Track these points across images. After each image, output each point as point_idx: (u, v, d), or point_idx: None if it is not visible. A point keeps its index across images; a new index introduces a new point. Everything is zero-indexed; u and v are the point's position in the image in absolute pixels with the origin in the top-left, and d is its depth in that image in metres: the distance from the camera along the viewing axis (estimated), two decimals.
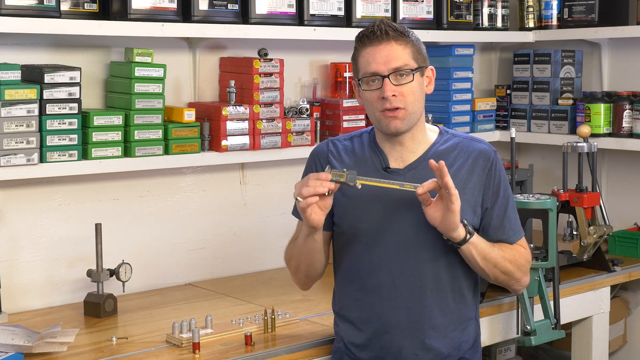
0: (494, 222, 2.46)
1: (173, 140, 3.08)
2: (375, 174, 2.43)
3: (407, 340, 2.43)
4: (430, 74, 2.46)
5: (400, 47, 2.38)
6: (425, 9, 3.77)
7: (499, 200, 2.46)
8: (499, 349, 3.67)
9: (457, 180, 2.38)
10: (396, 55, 2.37)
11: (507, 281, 2.49)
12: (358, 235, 2.46)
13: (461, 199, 2.33)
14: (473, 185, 2.43)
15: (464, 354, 2.48)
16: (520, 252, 2.49)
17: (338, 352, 2.54)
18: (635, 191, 4.04)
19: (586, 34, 3.98)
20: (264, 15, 3.28)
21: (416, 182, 2.34)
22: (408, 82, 2.37)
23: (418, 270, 2.41)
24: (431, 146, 2.46)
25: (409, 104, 2.38)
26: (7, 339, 2.46)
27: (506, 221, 2.47)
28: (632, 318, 3.93)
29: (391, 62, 2.37)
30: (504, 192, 2.47)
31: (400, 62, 2.37)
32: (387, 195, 2.41)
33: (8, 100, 2.70)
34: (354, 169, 2.36)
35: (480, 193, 2.44)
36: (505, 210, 2.47)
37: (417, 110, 2.41)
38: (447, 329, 2.45)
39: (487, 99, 4.17)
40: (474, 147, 2.47)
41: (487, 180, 2.44)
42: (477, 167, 2.44)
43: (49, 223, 3.05)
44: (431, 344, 2.43)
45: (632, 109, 3.77)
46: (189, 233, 3.37)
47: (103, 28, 2.92)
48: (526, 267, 2.51)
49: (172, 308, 3.01)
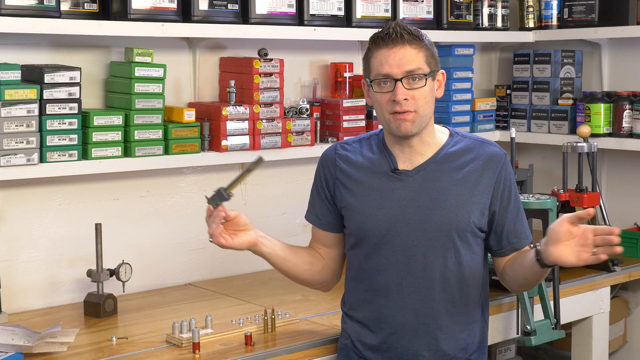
0: (508, 226, 2.47)
1: (173, 140, 3.08)
2: (383, 176, 2.45)
3: (414, 341, 2.44)
4: (441, 78, 2.46)
5: (415, 51, 2.38)
6: (425, 9, 3.77)
7: (512, 203, 2.47)
8: (499, 349, 3.67)
9: (467, 182, 2.41)
10: (410, 58, 2.37)
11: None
12: (365, 237, 2.47)
13: (471, 202, 2.39)
14: (482, 187, 2.43)
15: (470, 355, 2.49)
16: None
17: (345, 350, 2.56)
18: (635, 191, 4.04)
19: (586, 34, 3.98)
20: (264, 15, 3.28)
21: (426, 183, 2.41)
22: (420, 86, 2.38)
23: (425, 271, 2.41)
24: (441, 148, 2.47)
25: (420, 107, 2.39)
26: (7, 339, 2.46)
27: (519, 225, 2.49)
28: (632, 318, 3.93)
29: (405, 66, 2.37)
30: (515, 195, 2.48)
31: (413, 65, 2.37)
32: (394, 196, 2.43)
33: (8, 100, 2.70)
34: (364, 171, 2.44)
35: (489, 195, 2.44)
36: (517, 213, 2.49)
37: (427, 114, 2.41)
38: (454, 330, 2.45)
39: (487, 99, 4.17)
40: (485, 150, 2.47)
41: (496, 183, 2.44)
42: (487, 170, 2.44)
43: (49, 223, 3.05)
44: (438, 345, 2.44)
45: (632, 109, 3.77)
46: (189, 233, 3.37)
47: (103, 28, 2.92)
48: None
49: (172, 308, 3.01)
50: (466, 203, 2.41)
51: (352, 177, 2.50)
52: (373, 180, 2.47)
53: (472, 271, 2.45)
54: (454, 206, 2.41)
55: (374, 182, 2.47)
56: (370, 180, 2.48)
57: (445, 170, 2.44)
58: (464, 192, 2.42)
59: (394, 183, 2.44)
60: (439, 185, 2.42)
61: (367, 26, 3.53)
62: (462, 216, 2.41)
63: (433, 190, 2.42)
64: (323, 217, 2.57)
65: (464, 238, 2.42)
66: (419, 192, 2.43)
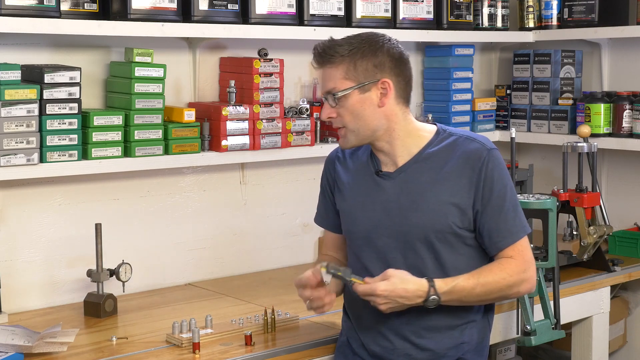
0: (489, 224, 2.39)
1: (173, 140, 3.08)
2: (370, 178, 2.48)
3: (400, 340, 2.45)
4: (386, 86, 2.37)
5: (332, 70, 2.38)
6: (425, 9, 3.77)
7: (492, 200, 2.38)
8: (499, 349, 3.67)
9: (447, 182, 2.39)
10: (327, 77, 2.40)
11: (508, 297, 2.50)
12: (351, 239, 2.53)
13: (450, 202, 2.37)
14: (463, 186, 2.38)
15: (463, 354, 2.48)
16: (509, 267, 2.39)
17: (341, 347, 2.59)
18: (635, 191, 4.04)
19: (586, 34, 3.98)
20: (264, 15, 3.28)
21: (406, 185, 2.40)
22: (344, 102, 2.37)
23: (412, 272, 2.40)
24: (424, 148, 2.44)
25: (348, 122, 2.39)
26: (7, 339, 2.46)
27: (502, 222, 2.39)
28: (632, 318, 3.93)
29: (325, 86, 2.41)
30: (498, 192, 2.39)
31: (330, 84, 2.39)
32: (377, 199, 2.45)
33: (8, 100, 2.70)
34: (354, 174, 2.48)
35: (471, 195, 2.38)
36: (500, 210, 2.39)
37: (360, 127, 2.39)
38: (442, 329, 2.45)
39: (487, 99, 4.17)
40: (466, 147, 2.41)
41: (477, 181, 2.38)
42: (467, 168, 2.38)
43: (48, 223, 3.05)
44: (425, 344, 2.44)
45: (632, 109, 3.77)
46: (189, 233, 3.37)
47: (103, 28, 2.92)
48: (521, 277, 2.40)
49: (172, 308, 3.01)
50: (444, 204, 2.38)
51: (345, 180, 2.54)
52: (361, 182, 2.50)
53: (458, 272, 2.39)
54: (431, 208, 2.38)
55: (362, 184, 2.50)
56: (359, 183, 2.51)
57: (426, 170, 2.41)
58: (443, 192, 2.38)
59: (378, 185, 2.46)
60: (419, 186, 2.41)
61: (367, 26, 3.53)
62: (439, 218, 2.38)
63: (412, 192, 2.41)
64: (331, 219, 2.63)
65: (444, 239, 2.40)
66: (400, 193, 2.43)
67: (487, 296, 2.40)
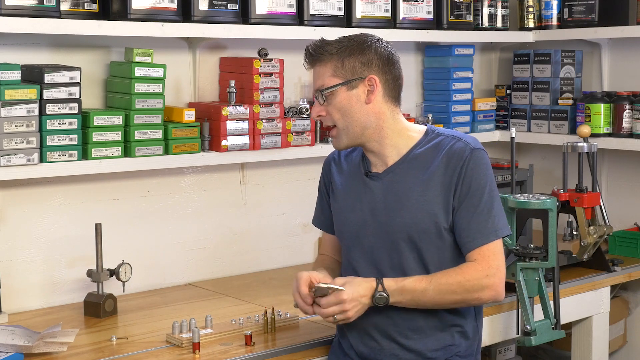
0: (460, 223, 2.38)
1: (173, 140, 3.08)
2: (360, 179, 2.50)
3: (387, 340, 2.46)
4: (373, 83, 2.38)
5: (321, 67, 2.41)
6: (425, 9, 3.77)
7: (467, 199, 2.37)
8: (499, 349, 3.67)
9: (432, 182, 2.39)
10: (316, 76, 2.43)
11: (469, 304, 2.42)
12: (341, 239, 2.57)
13: (435, 202, 2.37)
14: (445, 185, 2.38)
15: (451, 357, 2.47)
16: (467, 272, 2.35)
17: (334, 347, 2.61)
18: (635, 191, 4.04)
19: (586, 34, 3.98)
20: (264, 15, 3.28)
21: (393, 185, 2.41)
22: (332, 100, 2.39)
23: (393, 273, 2.41)
24: (412, 148, 2.45)
25: (338, 120, 2.41)
26: (7, 339, 2.46)
27: (473, 222, 2.36)
28: (632, 318, 3.93)
29: (315, 84, 2.43)
30: (475, 191, 2.37)
31: (319, 82, 2.42)
32: (365, 199, 2.47)
33: (8, 100, 2.70)
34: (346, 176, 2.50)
35: (451, 193, 2.38)
36: (474, 209, 2.37)
37: (350, 125, 2.40)
38: (427, 331, 2.44)
39: (487, 99, 4.17)
40: (451, 147, 2.40)
41: (457, 179, 2.37)
42: (449, 167, 2.38)
43: (49, 223, 3.05)
44: (411, 345, 2.45)
45: (632, 109, 3.77)
46: (189, 233, 3.37)
47: (103, 28, 2.92)
48: (481, 282, 2.34)
49: (172, 308, 3.01)
50: (429, 204, 2.38)
51: (338, 181, 2.56)
52: (352, 184, 2.52)
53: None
54: (415, 208, 2.39)
55: (352, 186, 2.51)
56: (350, 184, 2.52)
57: (412, 171, 2.42)
58: (428, 192, 2.39)
59: (366, 186, 2.48)
60: (404, 187, 2.41)
61: (367, 26, 3.53)
62: (423, 218, 2.38)
63: (398, 192, 2.42)
64: (327, 220, 2.65)
65: (429, 240, 2.39)
66: (386, 194, 2.44)
67: (442, 299, 2.35)
